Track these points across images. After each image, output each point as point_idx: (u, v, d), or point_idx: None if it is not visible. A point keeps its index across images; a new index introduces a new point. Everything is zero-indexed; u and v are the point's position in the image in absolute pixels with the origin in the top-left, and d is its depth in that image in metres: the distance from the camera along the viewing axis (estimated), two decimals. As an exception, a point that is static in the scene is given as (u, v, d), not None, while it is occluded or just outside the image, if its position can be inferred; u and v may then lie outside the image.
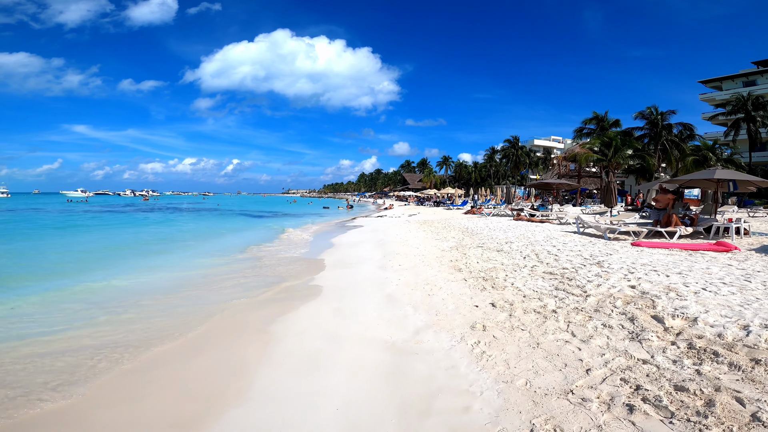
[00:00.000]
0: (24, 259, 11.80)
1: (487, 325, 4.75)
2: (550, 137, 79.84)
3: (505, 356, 3.98)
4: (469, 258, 8.65)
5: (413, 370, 3.88)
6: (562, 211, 22.75)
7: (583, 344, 4.07)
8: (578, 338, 4.23)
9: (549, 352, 3.98)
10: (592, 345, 4.04)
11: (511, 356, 3.97)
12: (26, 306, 6.55)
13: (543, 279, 6.45)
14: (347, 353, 4.32)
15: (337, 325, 5.21)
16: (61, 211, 41.16)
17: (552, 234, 12.36)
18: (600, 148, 33.97)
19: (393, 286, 6.84)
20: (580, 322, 4.62)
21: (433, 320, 5.09)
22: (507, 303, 5.42)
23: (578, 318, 4.75)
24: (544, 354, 3.94)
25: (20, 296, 7.11)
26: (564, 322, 4.66)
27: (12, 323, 5.68)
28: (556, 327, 4.56)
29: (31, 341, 4.96)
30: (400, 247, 11.37)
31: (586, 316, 4.81)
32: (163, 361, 4.34)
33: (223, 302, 6.62)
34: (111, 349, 4.66)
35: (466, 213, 27.62)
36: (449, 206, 39.67)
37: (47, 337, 5.08)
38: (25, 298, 6.96)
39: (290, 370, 4.01)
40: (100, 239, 17.35)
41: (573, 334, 4.33)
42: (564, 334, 4.38)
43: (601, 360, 3.71)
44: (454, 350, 4.23)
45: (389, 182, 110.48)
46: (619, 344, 4.00)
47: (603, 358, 3.75)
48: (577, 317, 4.78)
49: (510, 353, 4.03)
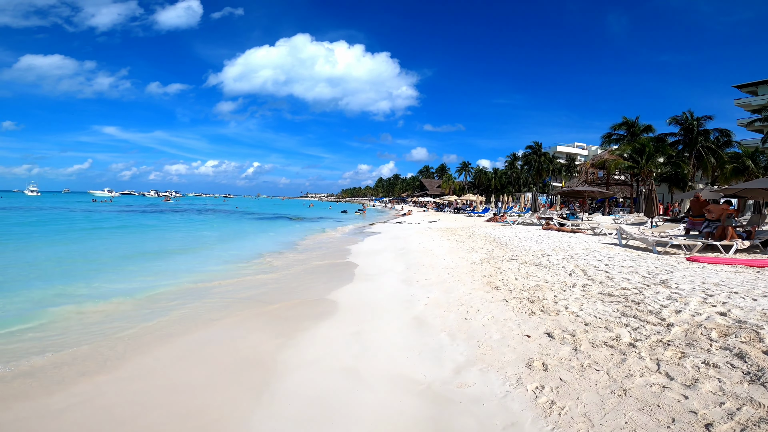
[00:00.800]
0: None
1: (548, 363, 3.74)
2: (574, 144, 77.58)
3: (583, 408, 2.98)
4: (506, 273, 7.61)
5: (459, 428, 2.92)
6: (592, 220, 21.39)
7: (688, 390, 3.05)
8: (678, 382, 3.19)
9: (644, 401, 2.97)
10: (701, 391, 3.02)
11: (591, 408, 2.96)
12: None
13: (602, 302, 5.38)
14: (368, 398, 3.37)
15: (356, 355, 4.27)
16: (83, 210, 41.57)
17: (590, 246, 11.19)
18: (631, 155, 32.38)
19: (421, 306, 5.87)
20: (673, 360, 3.58)
21: (476, 354, 4.10)
22: (566, 333, 4.39)
23: (668, 354, 3.70)
24: (637, 404, 2.93)
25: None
26: (651, 360, 3.62)
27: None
28: (642, 366, 3.52)
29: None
30: (425, 257, 10.38)
31: (677, 351, 3.75)
32: (119, 404, 3.47)
33: (220, 319, 5.77)
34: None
35: (488, 221, 26.43)
36: (470, 213, 38.46)
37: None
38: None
39: (293, 419, 3.09)
40: (103, 243, 16.89)
41: (669, 377, 3.29)
42: (656, 375, 3.34)
43: (722, 411, 2.72)
44: (511, 398, 3.24)
45: (407, 187, 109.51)
46: (737, 389, 2.98)
47: (723, 408, 2.75)
48: (665, 353, 3.73)
49: (589, 403, 3.03)
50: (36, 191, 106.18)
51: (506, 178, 68.52)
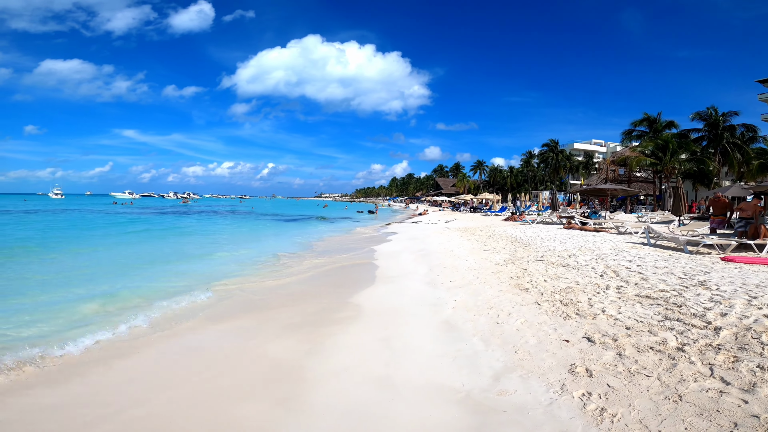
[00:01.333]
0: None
1: (592, 369, 3.56)
2: (591, 141, 76.12)
3: (637, 414, 2.84)
4: (533, 275, 7.40)
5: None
6: (614, 218, 20.86)
7: (746, 394, 2.91)
8: (735, 386, 3.03)
9: (701, 406, 2.83)
10: (760, 395, 2.87)
11: (646, 414, 2.82)
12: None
13: (641, 305, 5.15)
14: (406, 409, 3.23)
15: (387, 362, 4.14)
16: (105, 212, 42.47)
17: (618, 245, 10.85)
18: (653, 152, 31.53)
19: (449, 310, 5.71)
20: (726, 365, 3.38)
21: (514, 360, 3.94)
22: (607, 337, 4.19)
23: (720, 359, 3.50)
24: (695, 410, 2.79)
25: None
26: (703, 365, 3.43)
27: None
28: (694, 371, 3.33)
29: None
30: (446, 258, 10.21)
31: (729, 355, 3.54)
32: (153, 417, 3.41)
33: (241, 324, 5.71)
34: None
35: (506, 220, 26.04)
36: (486, 212, 38.04)
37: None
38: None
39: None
40: (117, 247, 17.16)
41: (725, 381, 3.12)
42: (711, 380, 3.17)
43: (785, 416, 2.53)
44: (557, 406, 3.08)
45: (421, 187, 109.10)
46: (797, 392, 2.79)
47: (786, 413, 2.56)
48: (717, 358, 3.52)
49: (643, 410, 2.88)
50: (60, 194, 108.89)
51: (522, 177, 67.61)
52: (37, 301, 7.00)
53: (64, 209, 47.44)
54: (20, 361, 4.26)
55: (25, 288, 8.03)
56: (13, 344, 4.78)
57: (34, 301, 7.00)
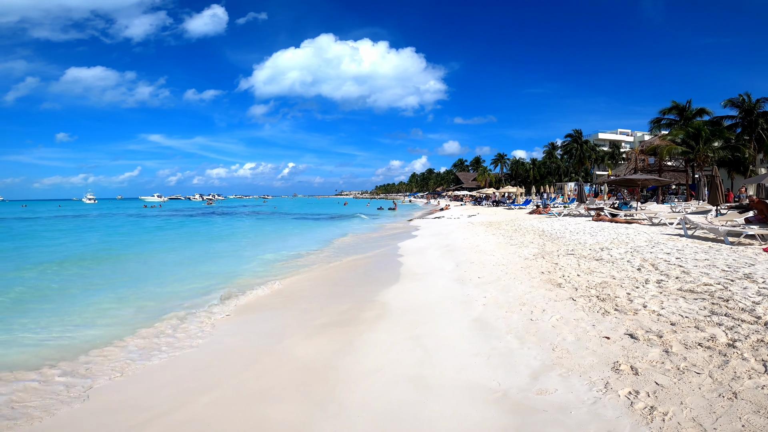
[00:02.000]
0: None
1: (638, 366, 3.41)
2: (617, 130, 73.73)
3: (689, 412, 2.72)
4: (565, 269, 7.18)
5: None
6: (646, 209, 20.11)
7: None
8: None
9: (758, 403, 2.71)
10: None
11: (700, 412, 2.71)
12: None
13: (685, 299, 4.90)
14: (442, 410, 3.16)
15: (420, 361, 4.07)
16: (142, 216, 43.75)
17: (653, 237, 10.43)
18: (684, 140, 30.28)
19: (480, 307, 5.60)
20: (781, 361, 3.19)
21: (552, 357, 3.81)
22: (651, 333, 4.01)
23: (774, 355, 3.30)
24: (751, 407, 2.68)
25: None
26: (757, 362, 3.26)
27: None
28: (748, 368, 3.16)
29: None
30: (473, 254, 10.05)
31: (783, 352, 3.34)
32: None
33: (271, 322, 5.75)
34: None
35: (531, 213, 25.51)
36: (510, 206, 37.39)
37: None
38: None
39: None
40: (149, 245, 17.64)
41: None
42: (766, 377, 3.01)
43: None
44: (602, 405, 2.97)
45: (442, 182, 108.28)
46: None
47: None
48: (772, 354, 3.32)
49: (696, 408, 2.77)
50: (93, 199, 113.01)
51: (545, 168, 66.14)
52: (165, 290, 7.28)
53: (107, 213, 49.32)
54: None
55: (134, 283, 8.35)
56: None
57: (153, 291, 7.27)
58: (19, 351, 4.96)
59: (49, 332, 5.64)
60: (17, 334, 5.61)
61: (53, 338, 5.41)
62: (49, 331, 5.67)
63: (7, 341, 5.31)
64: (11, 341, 5.32)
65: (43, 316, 6.39)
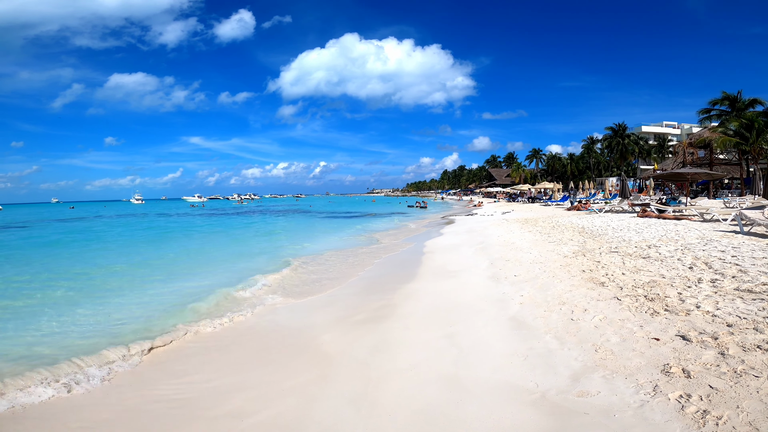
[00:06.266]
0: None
1: (690, 369, 3.16)
2: (662, 123, 69.62)
3: (746, 416, 2.52)
4: (608, 267, 6.81)
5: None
6: (696, 204, 18.88)
7: None
8: None
9: None
10: None
11: (757, 417, 2.50)
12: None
13: (742, 300, 4.51)
14: (478, 411, 3.04)
15: (455, 360, 3.96)
16: (190, 215, 45.46)
17: (705, 234, 9.75)
18: (737, 131, 28.21)
19: (516, 305, 5.39)
20: None
21: (594, 358, 3.60)
22: (705, 335, 3.71)
23: (844, 364, 2.96)
24: None
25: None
26: (823, 368, 2.93)
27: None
28: (813, 375, 2.85)
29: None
30: (508, 251, 9.75)
31: None
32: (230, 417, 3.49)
33: (303, 320, 5.79)
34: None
35: (569, 209, 24.59)
36: (546, 202, 36.25)
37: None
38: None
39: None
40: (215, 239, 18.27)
41: None
42: None
43: None
44: (650, 408, 2.77)
45: (474, 178, 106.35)
46: None
47: None
48: (842, 362, 2.98)
49: (753, 412, 2.56)
50: (140, 199, 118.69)
51: (584, 163, 63.53)
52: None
53: (160, 213, 51.63)
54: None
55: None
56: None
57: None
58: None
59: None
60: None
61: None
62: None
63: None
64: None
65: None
